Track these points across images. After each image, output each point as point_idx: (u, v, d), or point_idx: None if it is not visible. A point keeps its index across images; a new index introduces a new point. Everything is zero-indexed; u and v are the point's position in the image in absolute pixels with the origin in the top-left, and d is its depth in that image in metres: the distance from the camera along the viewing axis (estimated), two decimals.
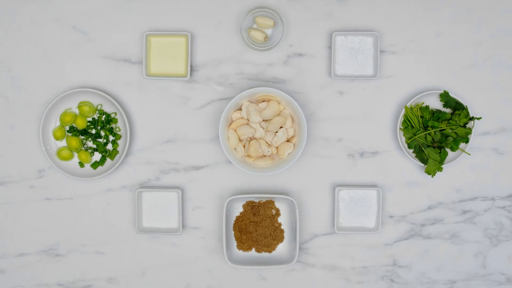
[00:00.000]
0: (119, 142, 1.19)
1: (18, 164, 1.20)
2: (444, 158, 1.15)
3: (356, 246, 1.21)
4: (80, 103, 1.18)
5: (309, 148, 1.19)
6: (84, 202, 1.21)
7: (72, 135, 1.18)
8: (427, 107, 1.16)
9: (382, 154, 1.20)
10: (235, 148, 1.15)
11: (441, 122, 1.15)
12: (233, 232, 1.19)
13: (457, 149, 1.15)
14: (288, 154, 1.15)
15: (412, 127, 1.16)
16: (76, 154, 1.19)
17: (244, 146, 1.15)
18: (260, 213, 1.18)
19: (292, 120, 1.16)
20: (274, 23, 1.16)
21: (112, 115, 1.18)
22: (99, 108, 1.18)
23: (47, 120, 1.17)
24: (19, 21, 1.19)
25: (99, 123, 1.18)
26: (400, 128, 1.17)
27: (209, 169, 1.20)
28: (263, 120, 1.15)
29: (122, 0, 1.19)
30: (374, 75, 1.17)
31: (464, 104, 1.15)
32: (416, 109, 1.16)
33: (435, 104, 1.17)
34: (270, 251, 1.19)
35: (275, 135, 1.15)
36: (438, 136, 1.15)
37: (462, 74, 1.18)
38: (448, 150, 1.17)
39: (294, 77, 1.19)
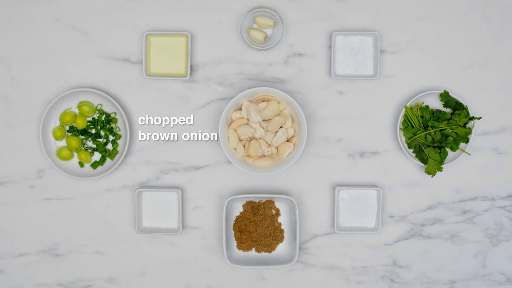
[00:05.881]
0: (119, 142, 1.19)
1: (18, 164, 1.20)
2: (444, 158, 1.15)
3: (356, 246, 1.20)
4: (80, 103, 1.18)
5: (309, 148, 1.19)
6: (84, 202, 1.21)
7: (72, 135, 1.18)
8: (427, 107, 1.16)
9: (382, 154, 1.20)
10: (235, 148, 1.15)
11: (441, 122, 1.15)
12: (233, 232, 1.19)
13: (457, 149, 1.15)
14: (288, 154, 1.15)
15: (412, 127, 1.16)
16: (76, 154, 1.19)
17: (244, 146, 1.15)
18: (260, 213, 1.18)
19: (292, 120, 1.16)
20: (274, 23, 1.16)
21: (112, 115, 1.18)
22: (99, 108, 1.18)
23: (47, 120, 1.17)
24: (19, 21, 1.19)
25: (99, 123, 1.18)
26: (400, 128, 1.16)
27: (209, 169, 1.20)
28: (263, 120, 1.15)
29: (122, 0, 1.18)
30: (374, 75, 1.17)
31: (464, 104, 1.15)
32: (416, 109, 1.16)
33: (435, 104, 1.17)
34: (270, 251, 1.19)
35: (275, 135, 1.15)
36: (438, 136, 1.15)
37: (462, 74, 1.18)
38: (448, 150, 1.16)
39: (294, 77, 1.19)
